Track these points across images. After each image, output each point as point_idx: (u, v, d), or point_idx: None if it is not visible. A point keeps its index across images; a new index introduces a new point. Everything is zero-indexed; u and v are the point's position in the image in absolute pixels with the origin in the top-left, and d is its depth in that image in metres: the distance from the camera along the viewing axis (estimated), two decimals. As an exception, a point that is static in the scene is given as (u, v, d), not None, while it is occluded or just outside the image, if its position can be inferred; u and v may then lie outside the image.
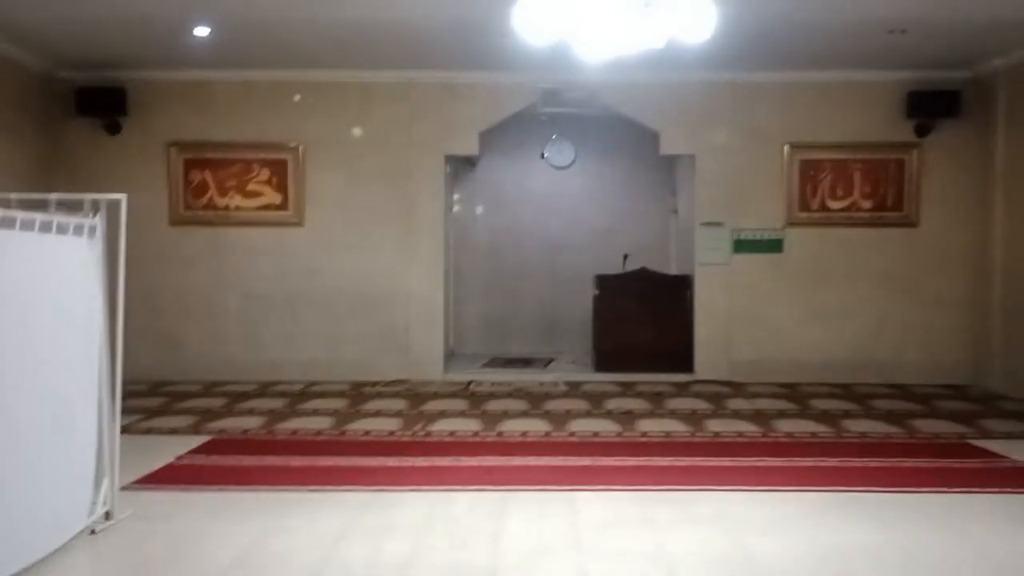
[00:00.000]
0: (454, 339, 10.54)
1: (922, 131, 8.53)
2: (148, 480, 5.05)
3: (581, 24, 3.81)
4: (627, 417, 6.94)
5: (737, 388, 8.34)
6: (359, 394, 7.99)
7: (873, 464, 5.50)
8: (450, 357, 9.80)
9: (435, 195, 8.87)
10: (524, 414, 7.11)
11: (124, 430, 6.23)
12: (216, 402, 7.58)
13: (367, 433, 6.38)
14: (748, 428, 6.58)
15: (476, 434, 6.37)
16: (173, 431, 6.42)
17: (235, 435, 6.34)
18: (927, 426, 6.70)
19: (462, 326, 10.66)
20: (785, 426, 6.66)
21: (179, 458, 5.56)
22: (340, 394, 7.97)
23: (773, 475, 5.24)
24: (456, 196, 10.64)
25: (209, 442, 6.04)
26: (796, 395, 7.99)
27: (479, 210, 10.82)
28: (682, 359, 8.85)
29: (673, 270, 10.32)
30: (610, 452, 5.78)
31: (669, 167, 10.46)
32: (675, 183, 10.46)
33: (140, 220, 8.73)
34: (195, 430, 6.45)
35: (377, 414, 7.11)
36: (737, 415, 7.08)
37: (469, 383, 8.58)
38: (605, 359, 8.99)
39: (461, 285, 10.64)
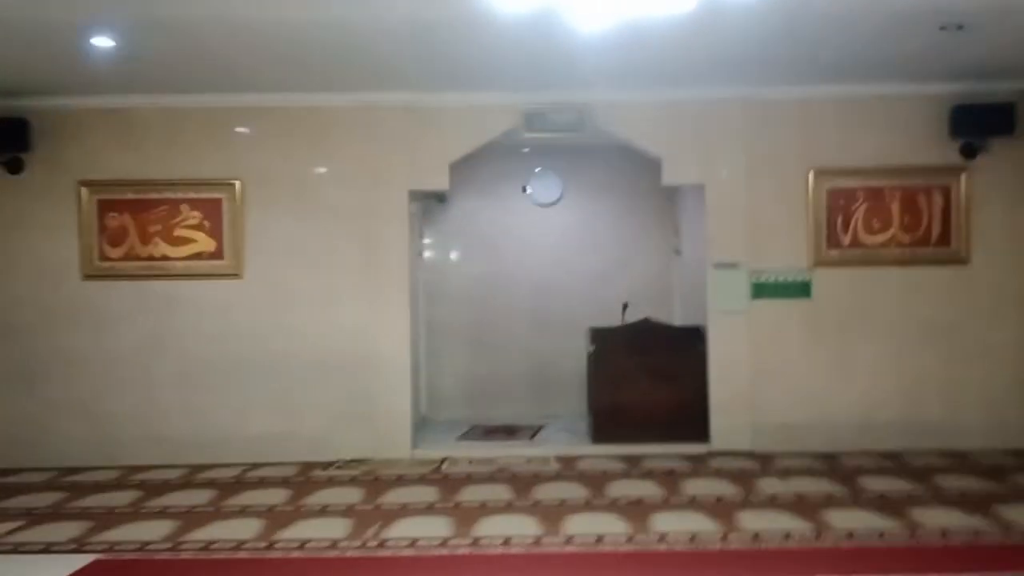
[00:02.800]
0: (427, 404, 9.13)
1: (970, 152, 7.24)
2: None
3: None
4: (637, 510, 5.51)
5: (764, 462, 6.92)
6: (306, 481, 6.53)
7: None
8: (422, 426, 8.37)
9: (400, 237, 7.47)
10: (508, 507, 5.67)
11: (-18, 549, 4.84)
12: (125, 497, 6.09)
13: (302, 545, 4.90)
14: (794, 524, 5.14)
15: (444, 543, 4.90)
16: (48, 548, 4.92)
17: (127, 552, 4.85)
18: (1021, 515, 5.29)
19: (437, 388, 9.24)
20: (840, 519, 5.22)
21: (34, 599, 4.09)
22: (283, 482, 6.50)
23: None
24: (426, 239, 9.30)
25: (88, 567, 4.56)
26: (839, 470, 6.57)
27: (453, 255, 9.45)
28: (695, 426, 7.43)
29: (678, 320, 8.99)
30: (620, 570, 4.34)
31: (671, 200, 9.18)
32: (678, 219, 9.15)
33: (48, 273, 7.45)
34: (79, 545, 4.97)
35: (322, 512, 5.65)
36: (775, 503, 5.65)
37: (442, 461, 7.13)
38: (604, 428, 7.56)
39: (435, 341, 9.25)
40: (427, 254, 9.28)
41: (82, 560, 4.63)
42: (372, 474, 6.72)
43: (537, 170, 9.24)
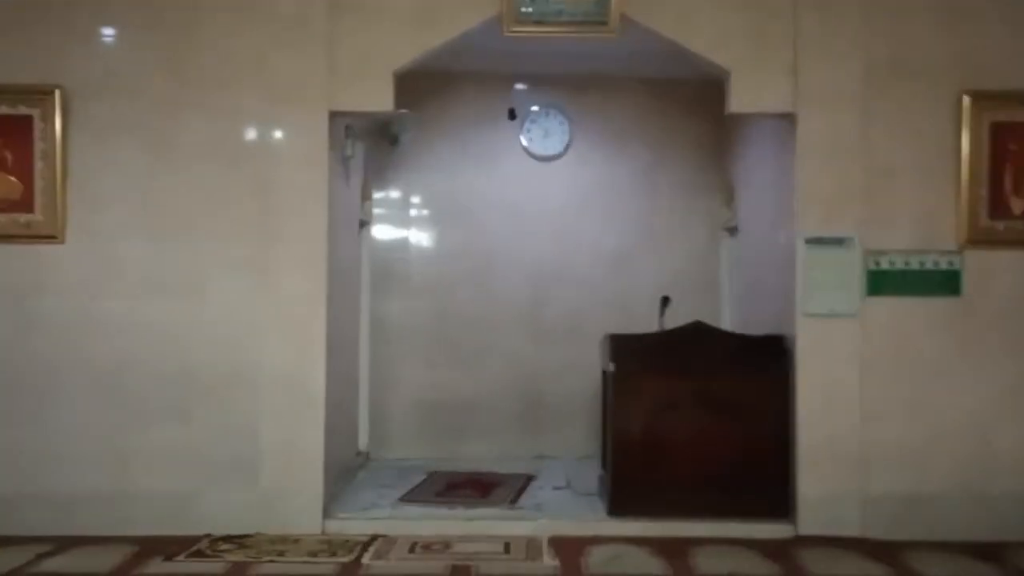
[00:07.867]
0: (370, 438, 6.49)
1: None
2: None
3: None
4: None
5: (892, 563, 4.20)
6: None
7: None
8: (355, 472, 5.73)
9: (315, 190, 4.74)
10: None
11: None
12: None
13: None
14: None
15: None
16: None
17: None
18: None
19: (385, 415, 6.61)
20: None
21: None
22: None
23: None
24: (371, 199, 6.61)
25: None
26: (1032, 590, 3.87)
27: (413, 226, 6.78)
28: (771, 493, 4.72)
29: (727, 324, 6.37)
30: None
31: (728, 146, 6.55)
32: (734, 178, 6.46)
33: None
34: None
35: None
36: None
37: (368, 543, 4.42)
38: (627, 491, 4.81)
39: (384, 348, 6.63)
40: (373, 223, 6.63)
41: None
42: (248, 570, 4.01)
43: (534, 108, 6.60)
